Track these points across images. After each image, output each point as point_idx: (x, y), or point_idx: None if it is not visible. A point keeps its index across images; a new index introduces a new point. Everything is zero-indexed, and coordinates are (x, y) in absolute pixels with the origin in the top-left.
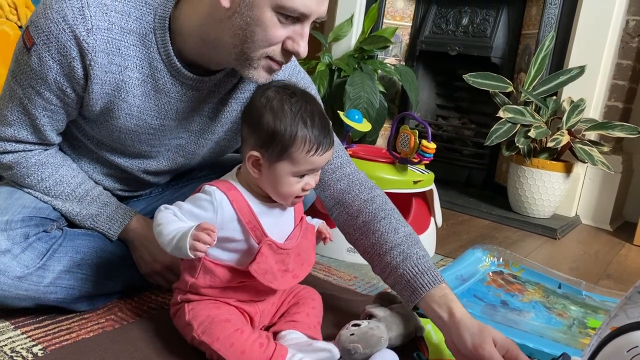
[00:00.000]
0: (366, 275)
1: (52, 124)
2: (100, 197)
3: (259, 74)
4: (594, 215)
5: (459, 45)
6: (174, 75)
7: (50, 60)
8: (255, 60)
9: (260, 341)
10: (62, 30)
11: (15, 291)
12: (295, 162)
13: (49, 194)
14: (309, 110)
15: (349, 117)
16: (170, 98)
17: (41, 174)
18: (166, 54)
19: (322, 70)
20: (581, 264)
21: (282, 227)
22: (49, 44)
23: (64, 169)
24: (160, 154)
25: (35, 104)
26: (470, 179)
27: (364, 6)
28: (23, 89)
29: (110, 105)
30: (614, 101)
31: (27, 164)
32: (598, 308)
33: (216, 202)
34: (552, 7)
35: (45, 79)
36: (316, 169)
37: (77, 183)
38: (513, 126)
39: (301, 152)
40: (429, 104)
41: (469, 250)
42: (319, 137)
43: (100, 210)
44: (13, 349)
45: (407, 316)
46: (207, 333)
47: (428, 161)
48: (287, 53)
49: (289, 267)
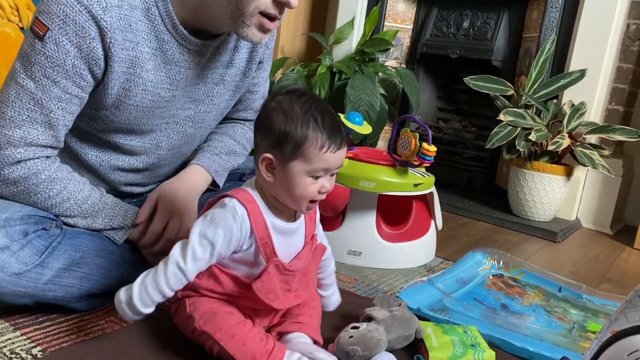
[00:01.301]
0: (366, 278)
1: (65, 117)
2: (105, 209)
3: (253, 32)
4: (595, 218)
5: (460, 48)
6: (180, 44)
7: (69, 43)
8: (248, 16)
9: (260, 336)
10: (79, 11)
11: (13, 288)
12: (309, 160)
13: (52, 210)
14: (319, 109)
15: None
16: (180, 67)
17: (49, 191)
18: (172, 24)
19: (322, 72)
20: (581, 267)
21: (292, 245)
22: (65, 27)
23: (72, 184)
24: (169, 127)
25: (51, 95)
26: (470, 182)
27: (365, 9)
28: (36, 81)
29: (126, 84)
30: (615, 104)
31: (37, 181)
32: (598, 312)
33: (239, 218)
34: (553, 10)
35: (63, 65)
36: (330, 168)
37: (83, 198)
38: (514, 129)
39: (314, 149)
40: (429, 106)
41: (469, 253)
42: (331, 135)
43: (105, 221)
44: (12, 350)
45: (407, 319)
46: (209, 323)
47: (429, 164)
48: (279, 4)
49: (292, 287)
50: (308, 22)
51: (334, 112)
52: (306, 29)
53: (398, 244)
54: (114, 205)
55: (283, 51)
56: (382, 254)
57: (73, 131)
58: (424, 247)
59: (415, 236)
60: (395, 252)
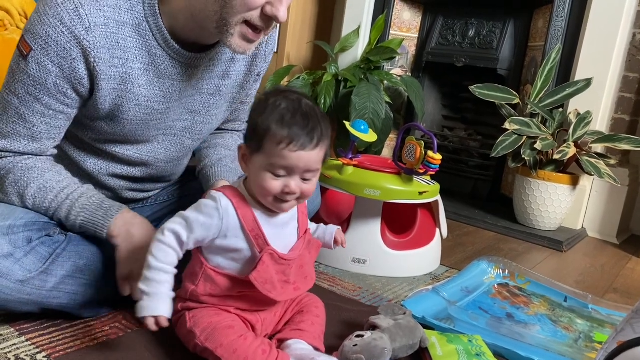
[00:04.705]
0: (371, 286)
1: (49, 131)
2: (82, 198)
3: (235, 41)
4: (601, 228)
5: (465, 57)
6: (172, 57)
7: (50, 64)
8: (232, 25)
9: (263, 348)
10: (61, 33)
11: (18, 295)
12: (267, 155)
13: (31, 204)
14: (294, 107)
15: (354, 128)
16: (173, 80)
17: (27, 179)
18: (163, 39)
19: (328, 80)
20: (587, 277)
21: (286, 238)
22: (47, 48)
23: (50, 174)
24: (166, 138)
25: (34, 111)
26: (475, 191)
27: (371, 17)
28: (19, 97)
29: (118, 100)
30: (621, 114)
31: (13, 169)
32: (604, 322)
33: (222, 209)
34: (559, 19)
35: (45, 84)
36: (291, 168)
37: (61, 188)
38: (519, 138)
39: (272, 143)
40: (434, 115)
41: (475, 262)
42: (296, 133)
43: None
44: (17, 356)
45: (412, 327)
46: (210, 339)
47: (434, 172)
48: (266, 18)
49: (290, 278)
50: (314, 31)
51: (318, 116)
52: (312, 37)
53: (403, 252)
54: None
55: (289, 59)
56: (386, 262)
57: (71, 139)
58: (429, 256)
59: (420, 244)
60: (400, 260)
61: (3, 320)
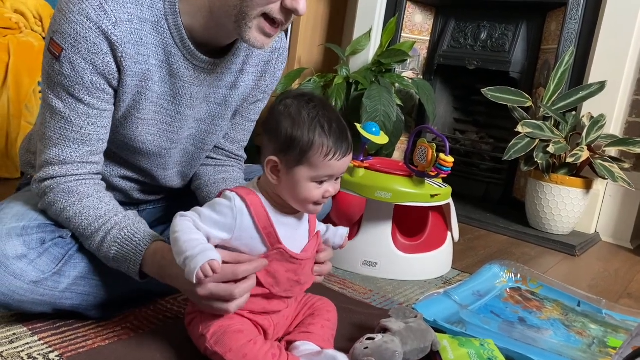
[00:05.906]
0: (382, 289)
1: (97, 131)
2: (119, 236)
3: (253, 35)
4: (614, 232)
5: (478, 59)
6: (187, 59)
7: (83, 61)
8: (251, 19)
9: (272, 352)
10: (89, 28)
11: (31, 296)
12: (314, 167)
13: (68, 225)
14: (326, 116)
15: (366, 130)
16: (184, 82)
17: (65, 202)
18: (180, 38)
19: (339, 83)
20: (601, 281)
21: (298, 239)
22: (77, 45)
23: (90, 200)
24: (173, 145)
25: (79, 112)
26: (487, 194)
27: (382, 20)
28: (62, 100)
29: (137, 96)
30: (635, 117)
31: (53, 190)
32: (619, 327)
33: (236, 209)
34: (572, 22)
35: (82, 83)
36: (335, 174)
37: (96, 216)
38: (532, 141)
39: (319, 156)
40: (446, 117)
41: (486, 266)
42: (337, 142)
43: (117, 249)
44: (30, 355)
45: (423, 331)
46: (220, 343)
47: (445, 175)
48: (286, 11)
49: (302, 279)
50: (325, 33)
51: (341, 119)
52: (323, 40)
53: (414, 255)
54: (129, 231)
55: (300, 62)
56: (397, 265)
57: None
58: (440, 259)
59: (432, 248)
60: (411, 263)
61: (16, 319)
